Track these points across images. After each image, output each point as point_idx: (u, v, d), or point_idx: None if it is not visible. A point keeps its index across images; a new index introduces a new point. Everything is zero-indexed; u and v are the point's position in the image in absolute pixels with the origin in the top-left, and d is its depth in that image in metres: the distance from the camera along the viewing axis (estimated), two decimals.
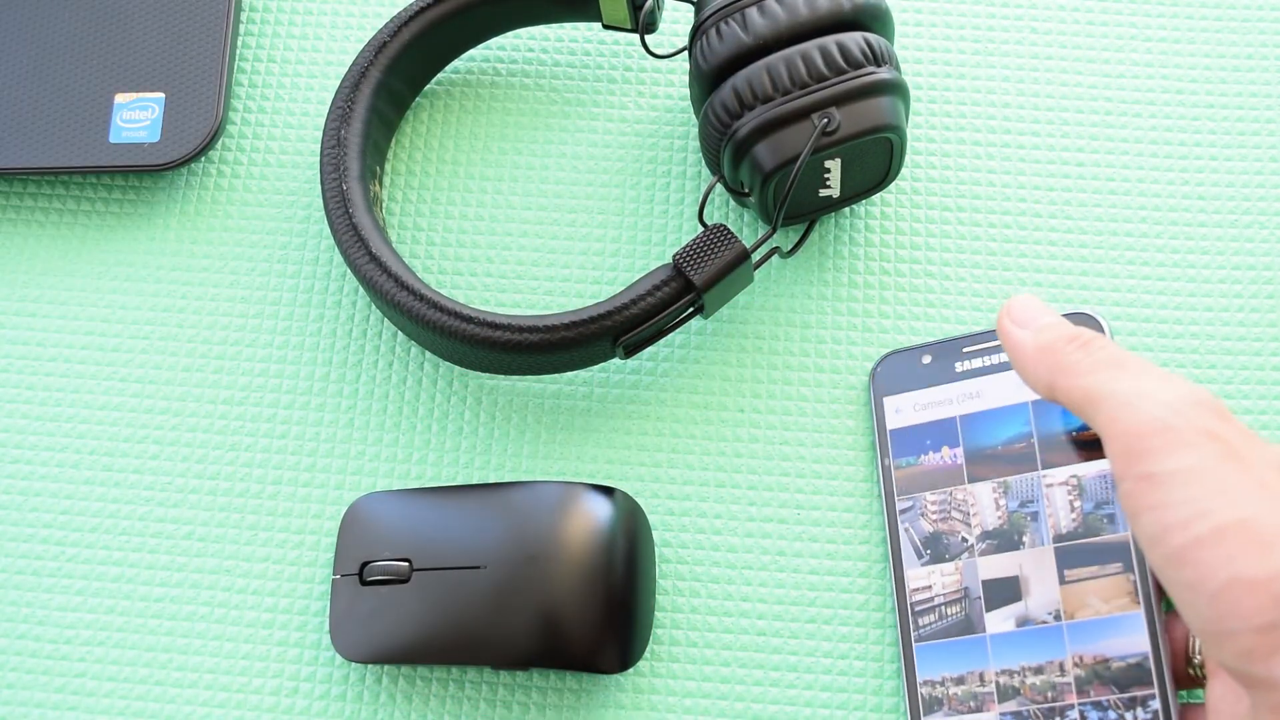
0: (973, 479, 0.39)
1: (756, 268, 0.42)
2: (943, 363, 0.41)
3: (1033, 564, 0.37)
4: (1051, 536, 0.38)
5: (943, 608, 0.38)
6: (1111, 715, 0.35)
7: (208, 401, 0.44)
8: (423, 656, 0.38)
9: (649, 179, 0.46)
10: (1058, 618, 0.37)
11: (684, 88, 0.47)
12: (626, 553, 0.39)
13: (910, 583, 0.39)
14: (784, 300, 0.44)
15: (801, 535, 0.42)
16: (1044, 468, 0.38)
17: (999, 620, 0.37)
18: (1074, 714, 0.36)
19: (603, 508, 0.39)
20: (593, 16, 0.45)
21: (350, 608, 0.39)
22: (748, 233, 0.45)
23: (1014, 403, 0.40)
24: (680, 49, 0.44)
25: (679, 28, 0.48)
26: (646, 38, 0.47)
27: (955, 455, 0.40)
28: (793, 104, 0.39)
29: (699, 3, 0.42)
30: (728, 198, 0.46)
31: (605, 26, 0.46)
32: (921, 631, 0.38)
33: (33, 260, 0.46)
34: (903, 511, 0.40)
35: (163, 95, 0.46)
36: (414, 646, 0.38)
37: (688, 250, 0.40)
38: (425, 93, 0.48)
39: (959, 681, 0.37)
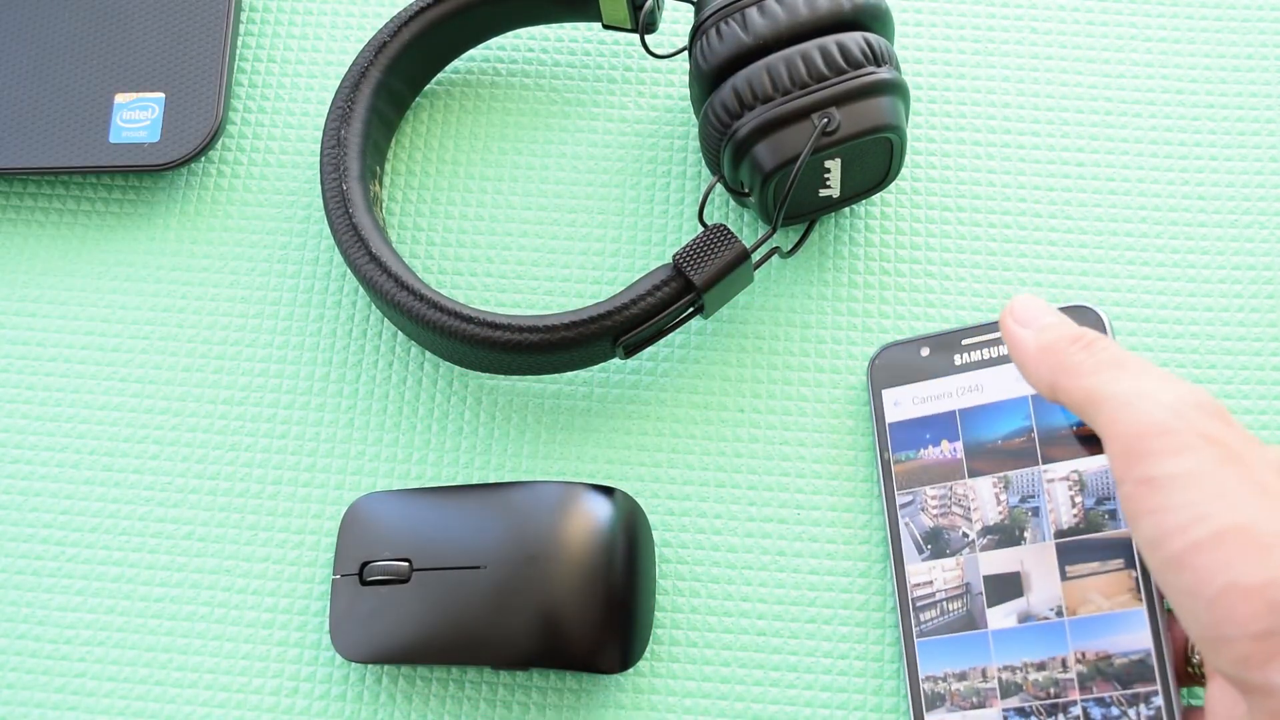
0: (973, 474, 0.39)
1: (756, 268, 0.42)
2: (942, 355, 0.41)
3: (1034, 560, 0.37)
4: (1053, 532, 0.37)
5: (944, 603, 0.38)
6: (1114, 712, 0.35)
7: (208, 401, 0.44)
8: (423, 656, 0.38)
9: (649, 179, 0.46)
10: (1060, 614, 0.37)
11: (684, 88, 0.47)
12: (626, 553, 0.39)
13: (911, 578, 0.39)
14: (784, 300, 0.44)
15: (801, 535, 0.42)
16: (1045, 462, 0.38)
17: (1001, 616, 0.37)
18: (1076, 710, 0.35)
19: (603, 508, 0.39)
20: (593, 16, 0.45)
21: (350, 608, 0.39)
22: (748, 233, 0.45)
23: (1014, 396, 0.39)
24: (680, 49, 0.44)
25: (679, 28, 0.48)
26: (646, 38, 0.47)
27: (955, 449, 0.39)
28: (793, 104, 0.39)
29: (699, 3, 0.42)
30: (728, 198, 0.46)
31: (605, 26, 0.46)
32: (923, 627, 0.38)
33: (33, 260, 0.46)
34: (903, 506, 0.40)
35: (163, 95, 0.46)
36: (414, 646, 0.38)
37: (688, 250, 0.40)
38: (425, 93, 0.48)
39: (961, 677, 0.37)
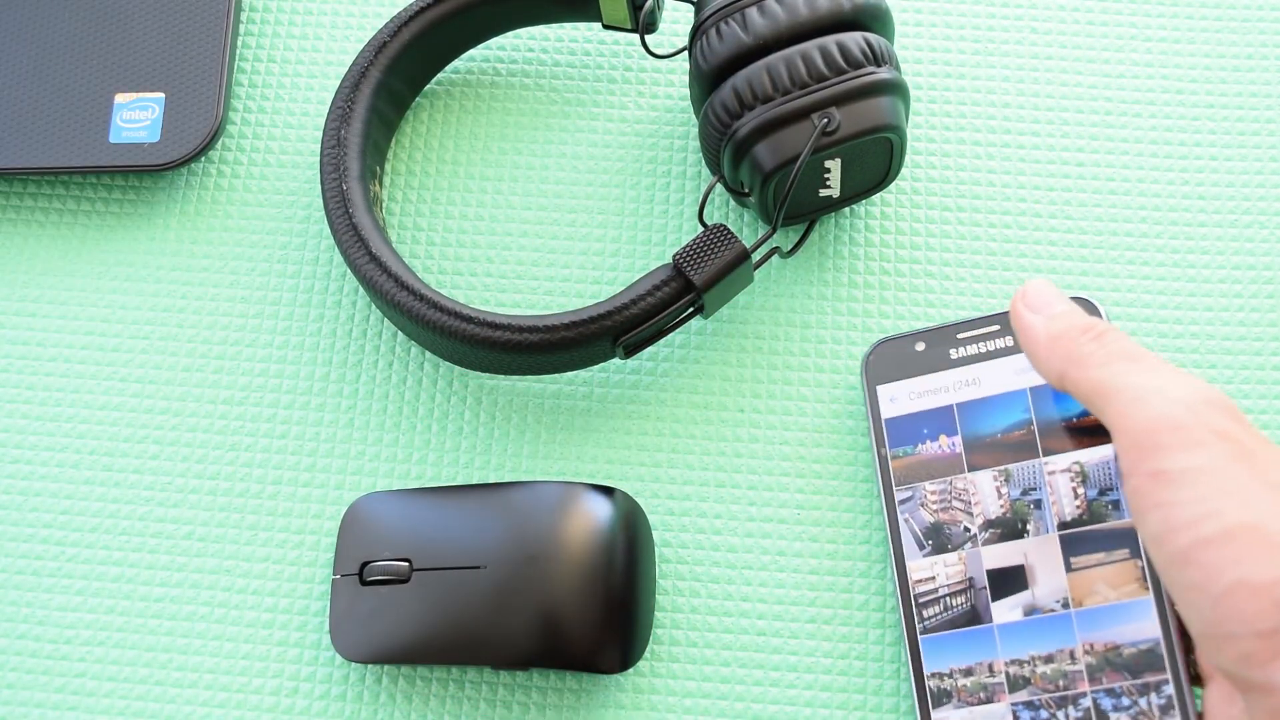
0: (973, 468, 0.39)
1: (756, 268, 0.42)
2: (937, 350, 0.41)
3: (1038, 552, 0.37)
4: (1056, 524, 0.37)
5: (947, 599, 0.38)
6: (1125, 702, 0.35)
7: (208, 401, 0.44)
8: (423, 656, 0.38)
9: (649, 179, 0.46)
10: (1066, 605, 0.36)
11: (684, 88, 0.47)
12: (626, 553, 0.39)
13: (913, 574, 0.38)
14: (784, 300, 0.44)
15: (801, 535, 0.42)
16: (1045, 455, 0.38)
17: (1006, 610, 0.37)
18: (1087, 702, 0.35)
19: (603, 508, 0.39)
20: (593, 16, 0.45)
21: (350, 608, 0.39)
22: (748, 233, 0.45)
23: (1012, 390, 0.39)
24: (680, 49, 0.44)
25: (679, 28, 0.48)
26: (646, 38, 0.47)
27: (954, 444, 0.39)
28: (793, 104, 0.38)
29: (699, 3, 0.42)
30: (728, 198, 0.46)
31: (605, 26, 0.46)
32: (926, 623, 0.38)
33: (33, 260, 0.46)
34: (902, 502, 0.39)
35: (163, 95, 0.46)
36: (414, 646, 0.38)
37: (688, 250, 0.40)
38: (425, 93, 0.48)
39: (967, 673, 0.37)
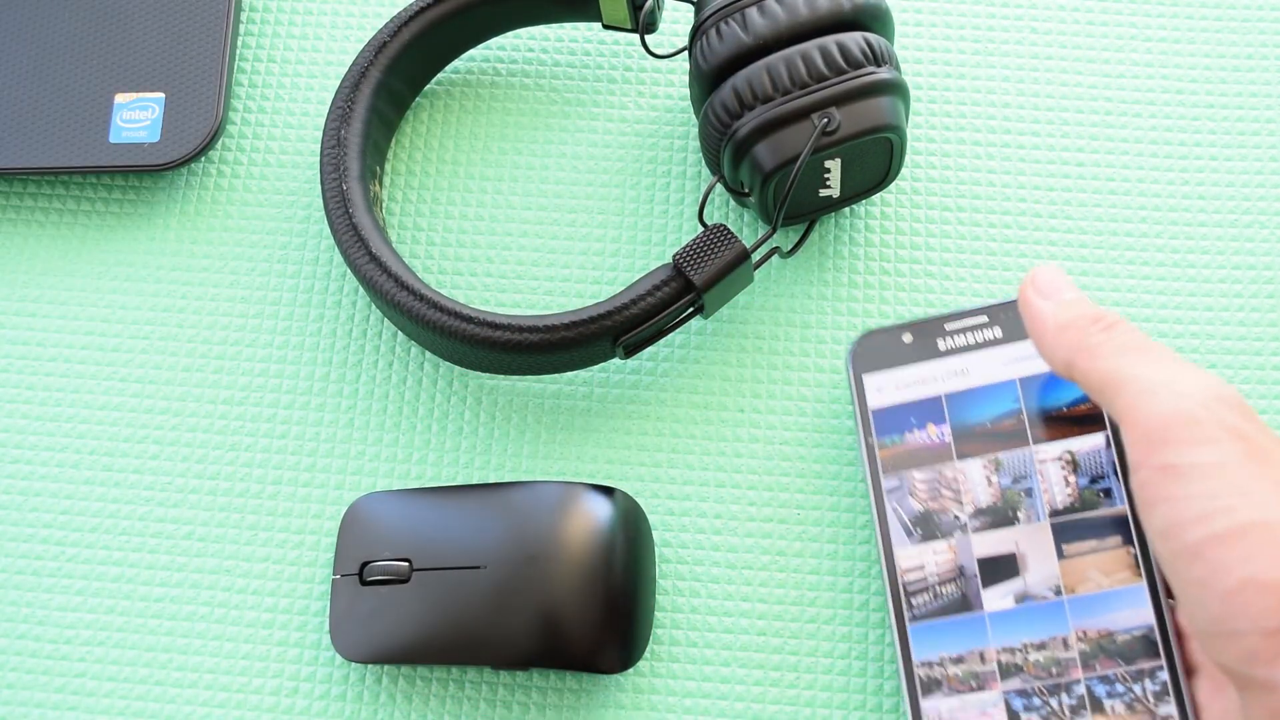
0: (962, 456, 0.38)
1: (756, 268, 0.42)
2: (924, 341, 0.40)
3: (1029, 540, 0.37)
4: (1048, 512, 0.37)
5: (937, 587, 0.37)
6: (1119, 688, 0.35)
7: (208, 401, 0.44)
8: (423, 656, 0.38)
9: (649, 179, 0.46)
10: (1058, 593, 0.36)
11: (684, 88, 0.47)
12: (626, 553, 0.39)
13: (901, 562, 0.38)
14: (784, 300, 0.44)
15: (801, 535, 0.42)
16: (1035, 444, 0.38)
17: (997, 597, 0.37)
18: (1080, 689, 0.35)
19: (603, 508, 0.39)
20: (593, 16, 0.45)
21: (350, 608, 0.39)
22: (748, 233, 0.45)
23: (1001, 380, 0.39)
24: (680, 49, 0.44)
25: (679, 28, 0.48)
26: (646, 38, 0.47)
27: (942, 433, 0.39)
28: (793, 104, 0.38)
29: (699, 3, 0.42)
30: (728, 198, 0.46)
31: (605, 26, 0.46)
32: (915, 611, 0.37)
33: (33, 260, 0.46)
34: (890, 491, 0.39)
35: (163, 95, 0.46)
36: (414, 646, 0.38)
37: (688, 250, 0.40)
38: (425, 93, 0.48)
39: (958, 661, 0.36)
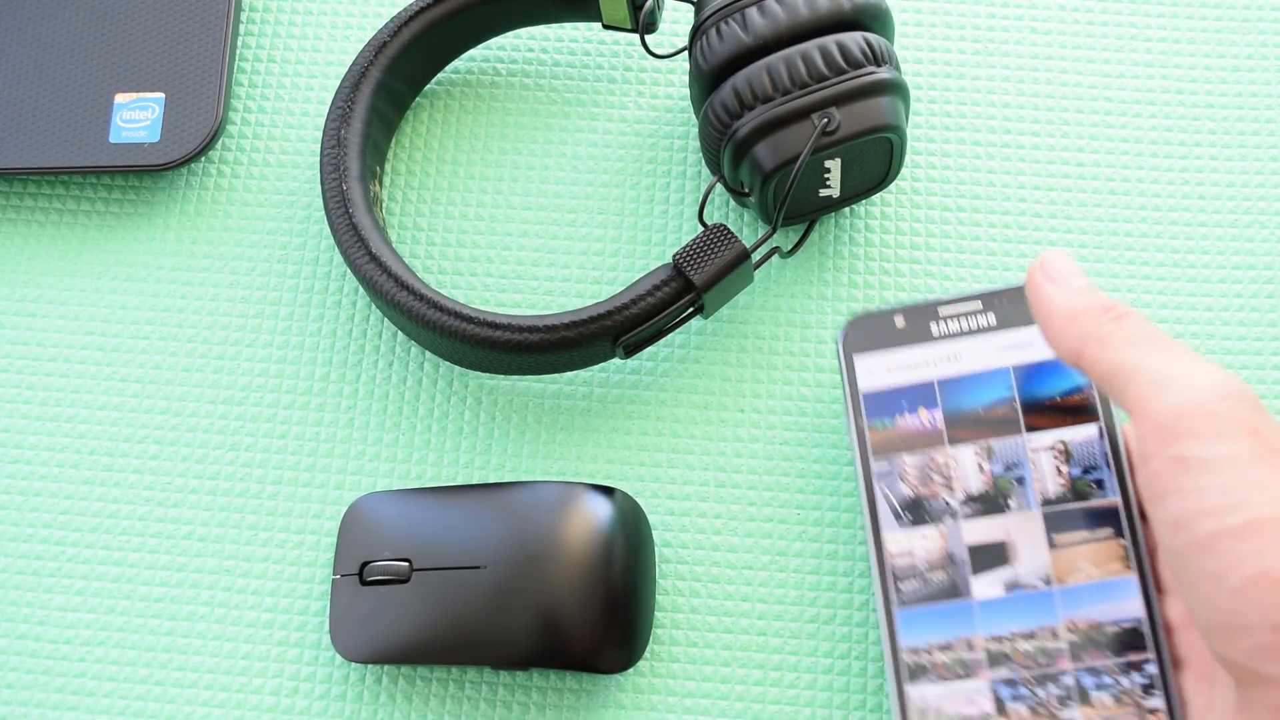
0: (953, 442, 0.38)
1: (756, 268, 0.42)
2: (917, 325, 0.39)
3: (1020, 528, 0.37)
4: (1039, 501, 0.37)
5: (925, 573, 0.37)
6: (1107, 680, 0.35)
7: (208, 401, 0.44)
8: (423, 656, 0.38)
9: (649, 179, 0.46)
10: (1049, 582, 0.36)
11: (684, 88, 0.47)
12: (626, 553, 0.39)
13: (890, 546, 0.37)
14: (784, 300, 0.44)
15: (801, 535, 0.42)
16: (1028, 432, 0.37)
17: (986, 585, 0.36)
18: (1069, 680, 0.35)
19: (603, 508, 0.39)
20: (593, 16, 0.45)
21: (350, 608, 0.39)
22: (748, 233, 0.45)
23: (995, 368, 0.38)
24: (680, 49, 0.44)
25: (679, 28, 0.48)
26: (646, 38, 0.47)
27: (934, 417, 0.38)
28: (793, 104, 0.39)
29: (699, 3, 0.42)
30: (728, 198, 0.46)
31: (605, 26, 0.46)
32: (904, 597, 0.37)
33: (33, 260, 0.46)
34: (880, 475, 0.38)
35: (163, 95, 0.46)
36: (414, 646, 0.38)
37: (688, 250, 0.40)
38: (425, 93, 0.48)
39: (945, 648, 0.36)
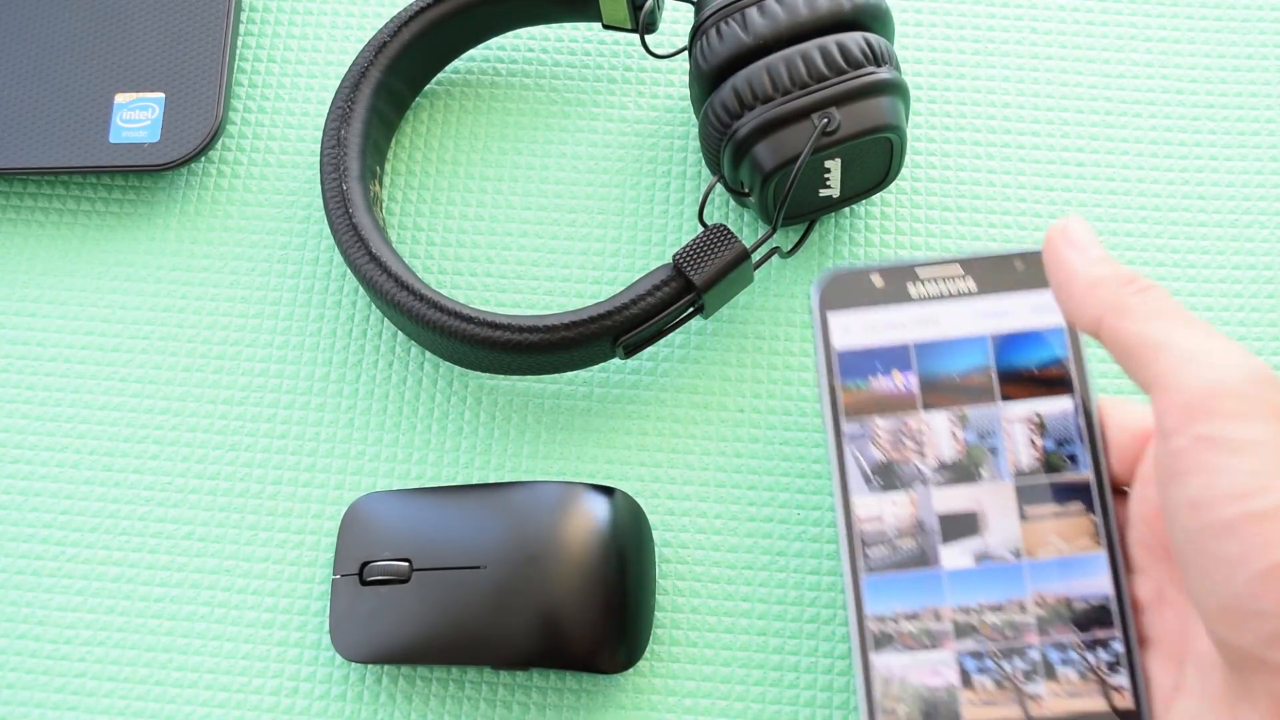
0: (927, 407, 0.37)
1: (756, 268, 0.42)
2: (895, 285, 0.38)
3: (991, 499, 0.36)
4: (1012, 472, 0.36)
5: (894, 540, 0.36)
6: (1073, 655, 0.34)
7: (208, 401, 0.44)
8: (423, 656, 0.38)
9: (649, 179, 0.46)
10: (1018, 555, 0.35)
11: (684, 88, 0.47)
12: (626, 553, 0.39)
13: (859, 510, 0.36)
14: (784, 300, 0.44)
15: (801, 535, 0.42)
16: (1003, 401, 0.37)
17: (955, 555, 0.36)
18: (1035, 654, 0.35)
19: (603, 508, 0.39)
20: (593, 16, 0.45)
21: (350, 608, 0.39)
22: (748, 233, 0.45)
23: (972, 335, 0.37)
24: (680, 49, 0.44)
25: (679, 28, 0.48)
26: (646, 38, 0.47)
27: (908, 381, 0.37)
28: (793, 104, 0.39)
29: (699, 3, 0.42)
30: (728, 198, 0.46)
31: (605, 26, 0.46)
32: (871, 563, 0.36)
33: (33, 260, 0.46)
34: (851, 436, 0.37)
35: (163, 95, 0.46)
36: (414, 646, 0.38)
37: (688, 250, 0.40)
38: (425, 93, 0.48)
39: (912, 617, 0.35)
